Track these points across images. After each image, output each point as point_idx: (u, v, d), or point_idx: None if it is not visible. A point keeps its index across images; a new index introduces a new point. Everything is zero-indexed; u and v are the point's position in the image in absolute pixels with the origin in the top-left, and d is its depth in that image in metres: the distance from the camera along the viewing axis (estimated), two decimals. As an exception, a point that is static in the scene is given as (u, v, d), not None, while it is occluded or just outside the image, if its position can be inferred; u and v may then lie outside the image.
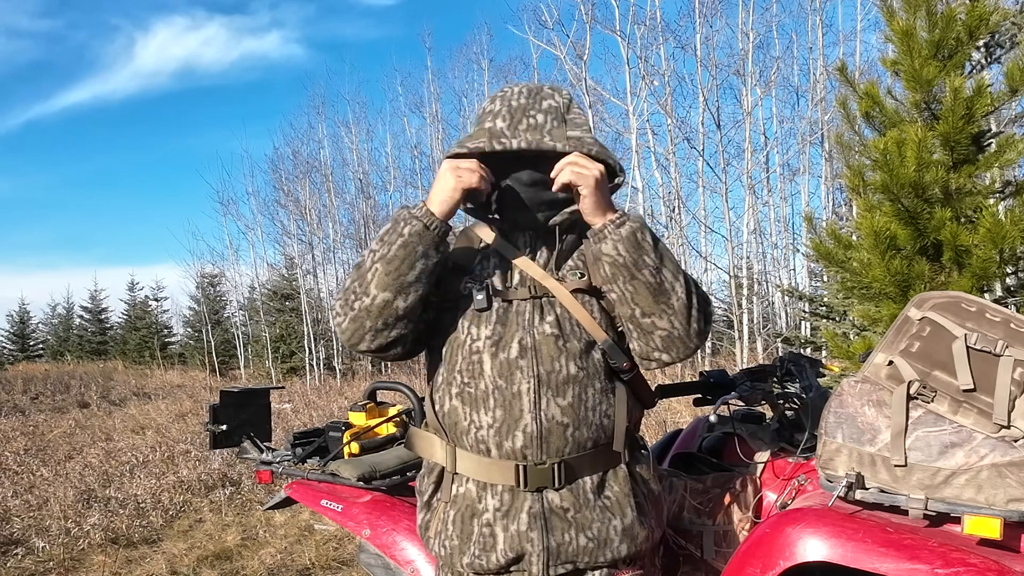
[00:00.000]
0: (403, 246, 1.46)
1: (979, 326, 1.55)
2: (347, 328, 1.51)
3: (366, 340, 1.51)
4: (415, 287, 1.47)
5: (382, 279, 1.46)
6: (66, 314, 33.06)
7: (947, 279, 3.97)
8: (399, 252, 1.46)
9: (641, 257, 1.45)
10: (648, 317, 1.47)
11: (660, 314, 1.47)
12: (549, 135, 1.49)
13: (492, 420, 1.50)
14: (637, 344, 1.52)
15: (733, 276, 14.00)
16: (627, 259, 1.45)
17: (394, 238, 1.47)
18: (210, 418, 2.57)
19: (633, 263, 1.45)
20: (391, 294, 1.46)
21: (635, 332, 1.50)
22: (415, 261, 1.46)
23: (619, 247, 1.45)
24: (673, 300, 1.47)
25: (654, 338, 1.49)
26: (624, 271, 1.45)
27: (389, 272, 1.46)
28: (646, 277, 1.45)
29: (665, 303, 1.46)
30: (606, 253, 1.46)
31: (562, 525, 1.50)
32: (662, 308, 1.46)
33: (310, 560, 4.25)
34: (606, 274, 1.48)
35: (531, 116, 1.51)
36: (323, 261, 21.84)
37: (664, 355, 1.51)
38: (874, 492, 1.58)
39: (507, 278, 1.56)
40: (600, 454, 1.54)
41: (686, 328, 1.48)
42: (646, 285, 1.45)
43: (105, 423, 10.35)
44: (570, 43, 15.69)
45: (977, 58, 4.44)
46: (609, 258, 1.46)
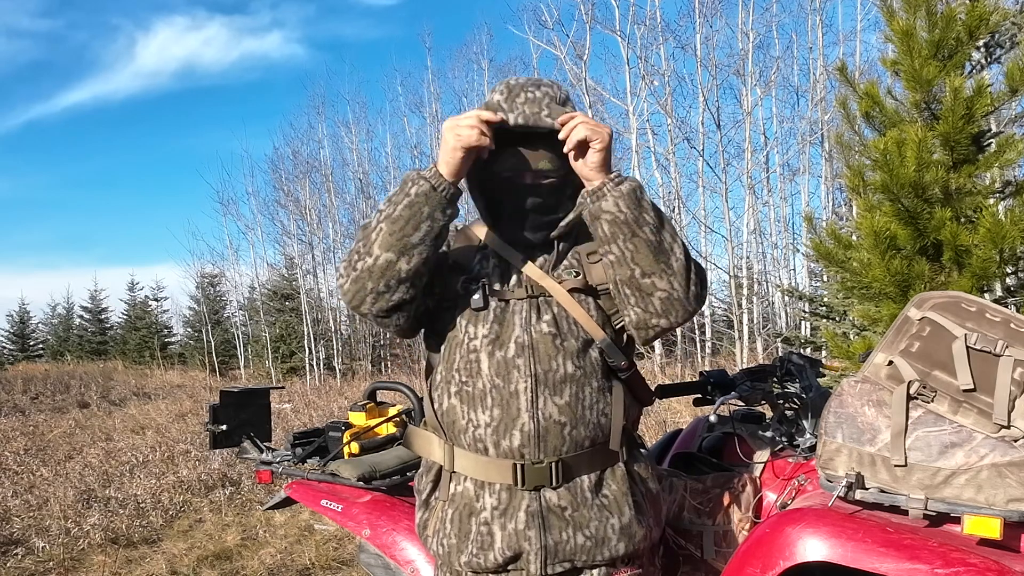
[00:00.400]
0: (409, 206, 1.45)
1: (979, 326, 1.55)
2: (349, 289, 1.50)
3: (367, 302, 1.49)
4: (419, 249, 1.46)
5: (386, 239, 1.45)
6: (66, 314, 33.09)
7: (947, 279, 3.97)
8: (404, 212, 1.45)
9: (641, 214, 1.43)
10: (648, 277, 1.45)
11: (660, 274, 1.45)
12: (547, 109, 1.49)
13: (490, 419, 1.50)
14: (635, 311, 1.49)
15: (733, 276, 14.00)
16: (628, 216, 1.43)
17: (401, 198, 1.46)
18: (210, 418, 2.57)
19: (634, 220, 1.43)
20: (394, 254, 1.45)
21: (633, 296, 1.48)
22: (420, 222, 1.45)
23: (620, 203, 1.43)
24: (672, 260, 1.45)
25: (653, 301, 1.47)
26: (625, 228, 1.43)
27: (393, 232, 1.45)
28: (646, 234, 1.43)
29: (665, 262, 1.45)
30: (606, 210, 1.44)
31: (560, 524, 1.50)
32: (662, 267, 1.45)
33: (310, 560, 4.25)
34: (605, 233, 1.45)
35: (530, 92, 1.51)
36: (323, 261, 21.85)
37: (663, 319, 1.49)
38: (874, 492, 1.58)
39: (505, 278, 1.56)
40: (598, 453, 1.54)
41: (685, 290, 1.47)
42: (647, 243, 1.43)
43: (105, 423, 10.35)
44: (570, 43, 15.70)
45: (977, 58, 4.44)
46: (609, 215, 1.44)
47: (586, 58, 15.36)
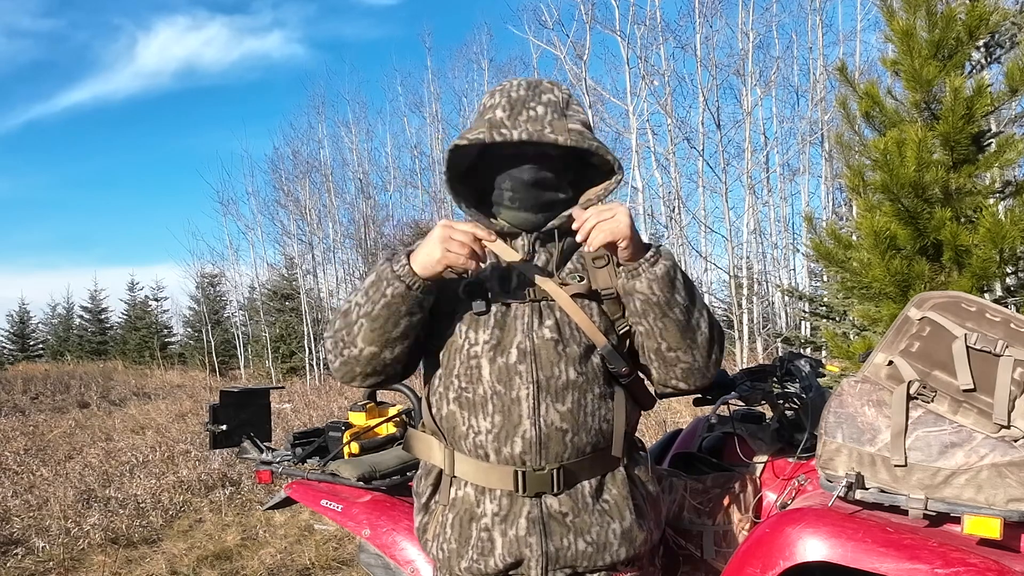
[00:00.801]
0: (386, 306, 1.45)
1: (979, 326, 1.55)
2: (339, 369, 1.54)
3: (357, 380, 1.54)
4: (401, 341, 1.48)
5: (368, 335, 1.47)
6: (66, 314, 33.07)
7: (947, 279, 3.97)
8: (383, 312, 1.45)
9: (673, 296, 1.45)
10: (673, 352, 1.49)
11: (686, 349, 1.48)
12: (550, 126, 1.47)
13: (491, 426, 1.48)
14: (657, 373, 1.54)
15: (733, 276, 14.00)
16: (660, 298, 1.44)
17: (377, 297, 1.45)
18: (210, 418, 2.57)
19: (666, 302, 1.45)
20: (377, 348, 1.48)
21: (657, 362, 1.52)
22: (399, 319, 1.46)
23: (653, 286, 1.44)
24: (698, 336, 1.48)
25: (676, 370, 1.51)
26: (656, 309, 1.45)
27: (374, 329, 1.46)
28: (676, 315, 1.46)
29: (691, 339, 1.48)
30: (639, 291, 1.45)
31: (561, 530, 1.49)
32: (688, 344, 1.48)
33: (310, 560, 4.25)
34: (636, 309, 1.47)
35: (531, 108, 1.49)
36: (323, 261, 21.87)
37: (682, 384, 1.54)
38: (874, 492, 1.58)
39: (505, 281, 1.54)
40: (599, 458, 1.53)
41: (706, 360, 1.51)
42: (676, 322, 1.46)
43: (105, 423, 10.35)
44: (570, 43, 15.70)
45: (977, 58, 4.44)
46: (642, 296, 1.45)
47: (586, 58, 15.36)
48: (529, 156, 1.51)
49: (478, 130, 1.49)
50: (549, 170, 1.52)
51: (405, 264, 1.43)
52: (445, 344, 1.55)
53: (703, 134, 14.32)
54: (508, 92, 1.52)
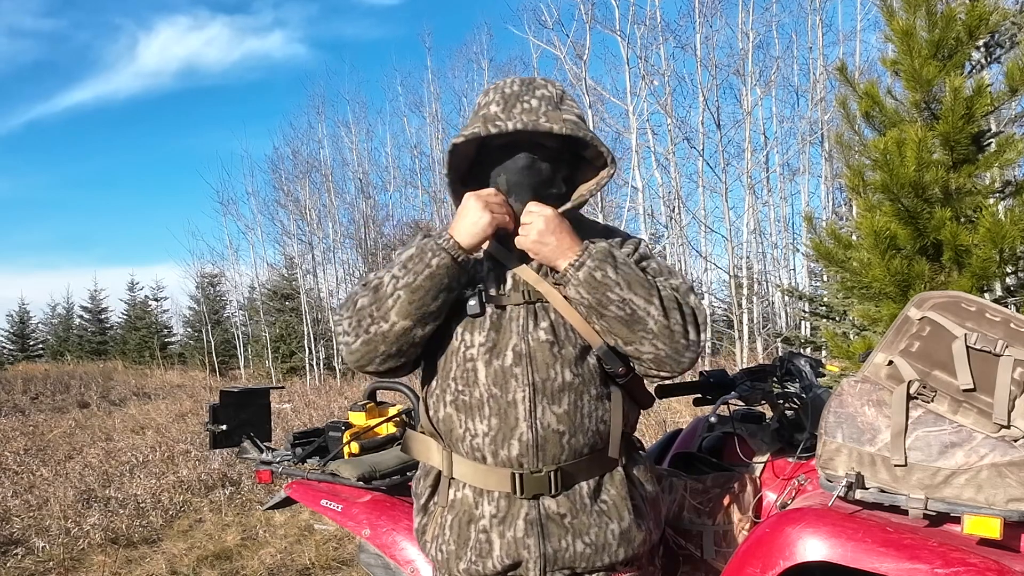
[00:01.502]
0: (430, 277, 1.45)
1: (979, 326, 1.55)
2: (358, 349, 1.49)
3: (375, 363, 1.51)
4: (435, 316, 1.48)
5: (405, 307, 1.45)
6: (66, 314, 33.09)
7: (947, 279, 3.97)
8: (425, 283, 1.45)
9: (604, 295, 1.45)
10: (629, 345, 1.48)
11: (640, 340, 1.46)
12: (544, 116, 1.48)
13: (487, 428, 1.48)
14: (635, 366, 1.53)
15: (733, 276, 14.00)
16: (590, 300, 1.45)
17: (421, 267, 1.46)
18: (210, 418, 2.57)
19: (598, 303, 1.45)
20: (411, 322, 1.46)
21: (627, 355, 1.51)
22: (439, 292, 1.46)
23: (580, 291, 1.45)
24: (650, 324, 1.46)
25: (643, 360, 1.50)
26: (592, 311, 1.46)
27: (413, 301, 1.45)
28: (614, 312, 1.45)
29: (642, 329, 1.46)
30: (571, 297, 1.47)
31: (559, 531, 1.49)
32: (640, 336, 1.46)
33: (310, 560, 4.25)
34: (582, 312, 1.49)
35: (525, 101, 1.50)
36: (323, 261, 21.85)
37: (659, 373, 1.52)
38: (874, 492, 1.58)
39: (500, 282, 1.54)
40: (596, 459, 1.53)
41: (672, 347, 1.47)
42: (617, 319, 1.45)
43: (105, 423, 10.35)
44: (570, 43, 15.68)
45: (977, 58, 4.43)
46: (576, 301, 1.47)
47: (586, 58, 15.35)
48: (523, 146, 1.52)
49: (473, 126, 1.50)
50: (544, 159, 1.53)
51: (449, 237, 1.47)
52: (441, 347, 1.55)
53: (703, 134, 14.32)
54: (502, 89, 1.54)
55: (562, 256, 1.47)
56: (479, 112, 1.53)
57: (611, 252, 1.48)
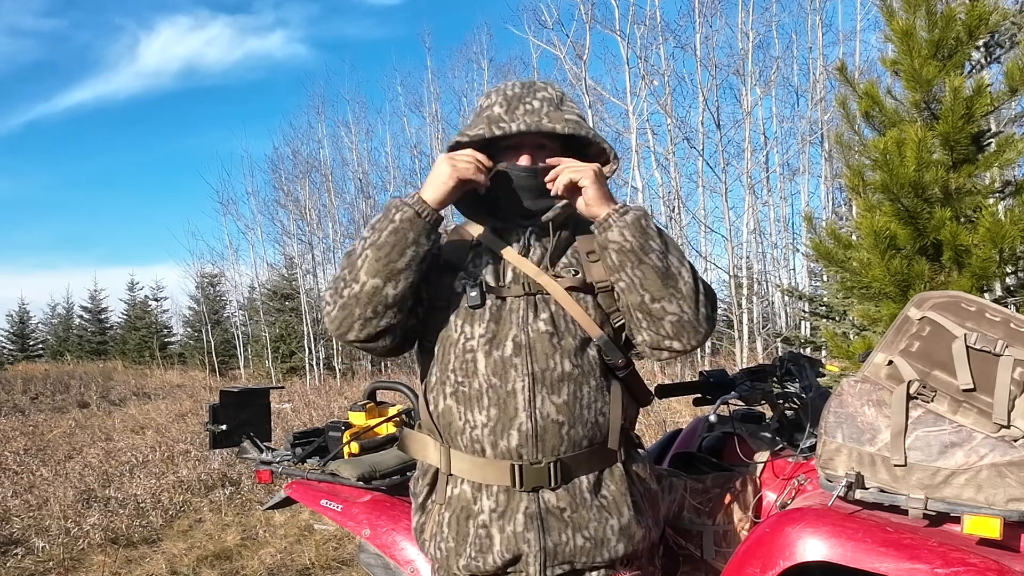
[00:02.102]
0: (393, 232, 1.47)
1: (979, 326, 1.55)
2: (336, 316, 1.50)
3: (355, 329, 1.50)
4: (405, 274, 1.48)
5: (372, 265, 1.47)
6: (66, 314, 33.09)
7: (947, 279, 3.97)
8: (389, 238, 1.47)
9: (647, 242, 1.47)
10: (658, 302, 1.47)
11: (669, 298, 1.47)
12: (547, 117, 1.51)
13: (487, 419, 1.49)
14: (647, 333, 1.51)
15: (733, 276, 14.00)
16: (633, 244, 1.46)
17: (385, 224, 1.48)
18: (210, 418, 2.57)
19: (640, 247, 1.46)
20: (380, 280, 1.47)
21: (645, 320, 1.50)
22: (405, 248, 1.47)
23: (625, 232, 1.46)
24: (681, 284, 1.48)
25: (664, 325, 1.49)
26: (631, 256, 1.46)
27: (379, 258, 1.46)
28: (653, 261, 1.46)
29: (673, 287, 1.47)
30: (612, 240, 1.47)
31: (559, 525, 1.50)
32: (671, 292, 1.47)
33: (310, 560, 4.25)
34: (613, 262, 1.49)
35: (527, 103, 1.53)
36: (323, 261, 21.84)
37: (675, 342, 1.51)
38: (874, 492, 1.58)
39: (500, 275, 1.56)
40: (596, 453, 1.54)
41: (695, 312, 1.49)
42: (654, 268, 1.46)
43: (105, 423, 10.35)
44: (570, 43, 15.70)
45: (977, 58, 4.44)
46: (616, 244, 1.47)
47: (586, 58, 15.37)
48: (527, 148, 1.55)
49: (477, 127, 1.52)
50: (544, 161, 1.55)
51: (414, 194, 1.50)
52: (440, 339, 1.56)
53: (703, 134, 14.32)
54: (504, 91, 1.57)
55: (606, 203, 1.49)
56: (482, 113, 1.55)
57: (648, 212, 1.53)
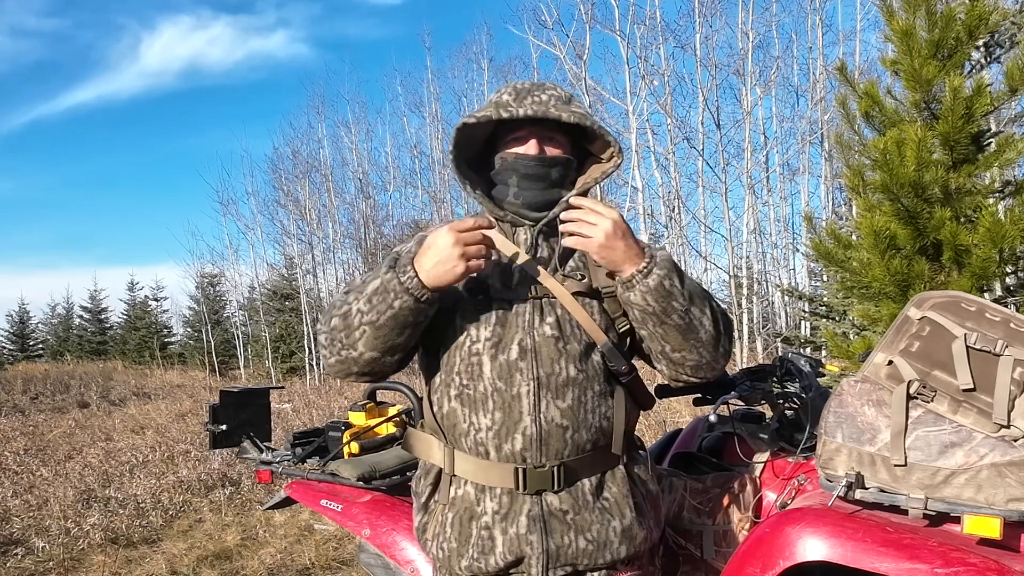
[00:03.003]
0: (393, 317, 1.44)
1: (979, 326, 1.55)
2: (333, 365, 1.52)
3: (352, 377, 1.54)
4: (404, 347, 1.49)
5: (371, 341, 1.46)
6: (66, 314, 33.08)
7: (947, 279, 3.97)
8: (388, 321, 1.44)
9: (670, 304, 1.44)
10: (678, 352, 1.50)
11: (690, 349, 1.49)
12: (555, 108, 1.51)
13: (491, 422, 1.49)
14: (667, 370, 1.55)
15: (733, 276, 14.00)
16: (655, 308, 1.45)
17: (384, 307, 1.43)
18: (210, 418, 2.57)
19: (662, 311, 1.45)
20: (379, 353, 1.48)
21: (664, 361, 1.53)
22: (404, 328, 1.46)
23: (647, 298, 1.44)
24: (702, 334, 1.48)
25: (684, 368, 1.52)
26: (653, 318, 1.46)
27: (378, 337, 1.45)
28: (675, 321, 1.46)
29: (695, 338, 1.48)
30: (634, 303, 1.46)
31: (561, 527, 1.49)
32: (691, 344, 1.48)
33: (310, 560, 4.25)
34: (636, 317, 1.49)
35: (536, 96, 1.54)
36: (323, 261, 21.85)
37: (693, 378, 1.55)
38: (874, 492, 1.58)
39: (507, 277, 1.55)
40: (599, 456, 1.53)
41: (714, 355, 1.51)
42: (676, 327, 1.46)
43: (105, 423, 10.35)
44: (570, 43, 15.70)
45: (977, 58, 4.44)
46: (638, 307, 1.46)
47: (586, 58, 15.38)
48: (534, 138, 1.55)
49: (485, 110, 1.53)
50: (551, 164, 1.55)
51: (413, 276, 1.41)
52: (446, 341, 1.55)
53: (703, 134, 14.32)
54: (514, 85, 1.58)
55: (629, 262, 1.43)
56: (491, 101, 1.56)
57: (674, 261, 1.49)
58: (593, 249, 1.43)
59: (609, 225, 1.41)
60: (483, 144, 1.62)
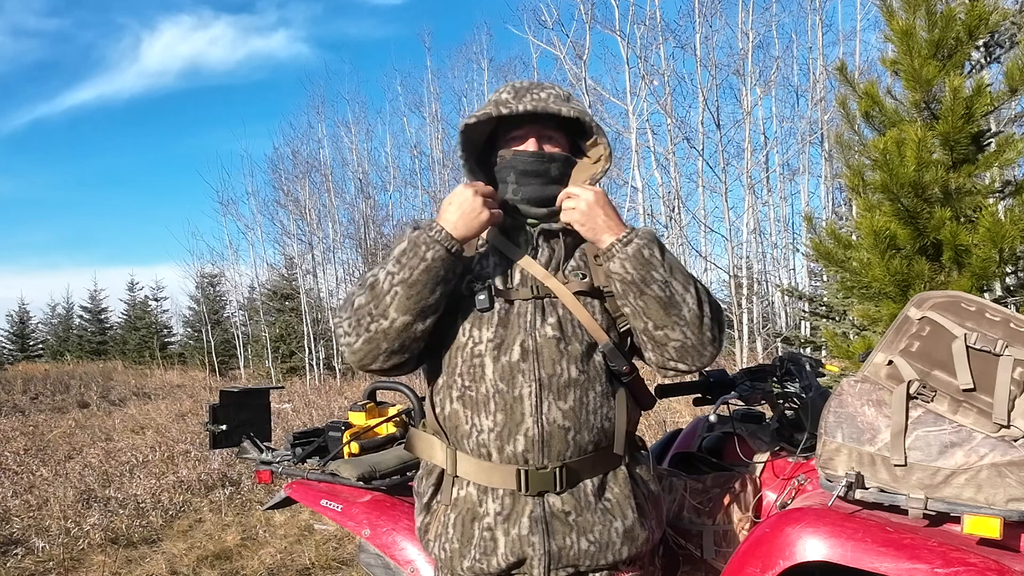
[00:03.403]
0: (426, 271, 1.44)
1: (979, 326, 1.55)
2: (359, 349, 1.48)
3: (379, 360, 1.50)
4: (434, 309, 1.48)
5: (403, 303, 1.45)
6: (66, 314, 33.09)
7: (947, 279, 3.97)
8: (421, 276, 1.44)
9: (649, 273, 1.45)
10: (660, 329, 1.48)
11: (672, 326, 1.48)
12: (554, 104, 1.53)
13: (493, 424, 1.49)
14: (653, 355, 1.53)
15: (733, 276, 13.99)
16: (635, 276, 1.45)
17: (416, 262, 1.45)
18: (210, 418, 2.57)
19: (641, 279, 1.45)
20: (411, 316, 1.46)
21: (649, 344, 1.52)
22: (436, 285, 1.45)
23: (626, 265, 1.46)
24: (684, 311, 1.47)
25: (668, 349, 1.50)
26: (633, 287, 1.46)
27: (411, 296, 1.44)
28: (655, 291, 1.46)
29: (676, 315, 1.47)
30: (615, 271, 1.47)
31: (563, 529, 1.50)
32: (673, 320, 1.47)
33: (310, 560, 4.25)
34: (617, 290, 1.49)
35: (535, 93, 1.55)
36: (323, 261, 21.84)
37: (680, 364, 1.53)
38: (874, 492, 1.58)
39: (508, 277, 1.55)
40: (600, 457, 1.53)
41: (699, 338, 1.49)
42: (656, 299, 1.46)
43: (105, 423, 10.35)
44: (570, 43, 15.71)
45: (977, 57, 4.44)
46: (618, 276, 1.47)
47: (586, 58, 15.39)
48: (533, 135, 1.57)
49: (485, 108, 1.55)
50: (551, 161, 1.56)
51: (441, 228, 1.46)
52: (448, 343, 1.55)
53: (703, 134, 14.32)
54: (513, 84, 1.60)
55: (609, 231, 1.48)
56: (491, 100, 1.57)
57: (657, 237, 1.51)
58: (575, 218, 1.49)
59: (591, 195, 1.49)
60: (483, 146, 1.64)
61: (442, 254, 1.45)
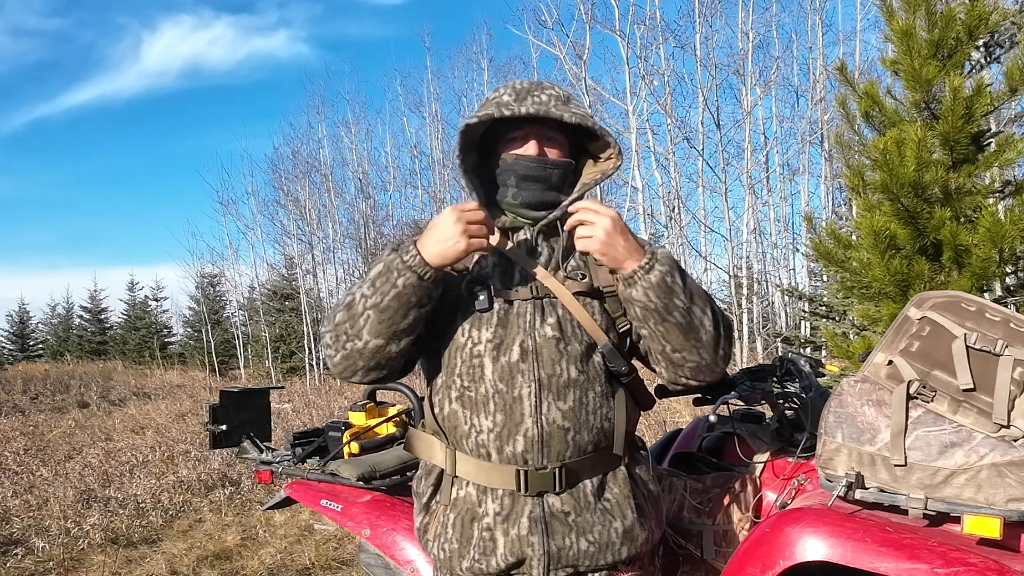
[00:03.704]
0: (396, 297, 1.43)
1: (979, 326, 1.55)
2: (339, 363, 1.50)
3: (358, 375, 1.51)
4: (408, 333, 1.47)
5: (375, 327, 1.44)
6: (66, 314, 33.09)
7: (947, 279, 3.97)
8: (392, 303, 1.43)
9: (671, 300, 1.44)
10: (678, 352, 1.48)
11: (691, 349, 1.48)
12: (555, 108, 1.51)
13: (493, 424, 1.48)
14: (666, 372, 1.53)
15: (733, 276, 14.00)
16: (657, 304, 1.44)
17: (387, 288, 1.43)
18: (210, 418, 2.57)
19: (664, 307, 1.44)
20: (383, 340, 1.46)
21: (664, 362, 1.52)
22: (409, 311, 1.44)
23: (649, 294, 1.44)
24: (702, 335, 1.47)
25: (684, 369, 1.51)
26: (655, 315, 1.45)
27: (382, 321, 1.44)
28: (676, 318, 1.45)
29: (695, 339, 1.47)
30: (636, 299, 1.45)
31: (563, 529, 1.49)
32: (692, 344, 1.47)
33: (310, 560, 4.25)
34: (636, 315, 1.48)
35: (536, 95, 1.53)
36: (323, 261, 21.86)
37: (692, 381, 1.54)
38: (874, 492, 1.58)
39: (507, 277, 1.55)
40: (600, 457, 1.53)
41: (714, 357, 1.50)
42: (677, 325, 1.45)
43: (105, 423, 10.35)
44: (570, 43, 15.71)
45: (977, 57, 4.44)
46: (640, 303, 1.45)
47: (586, 58, 15.39)
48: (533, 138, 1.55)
49: (486, 109, 1.53)
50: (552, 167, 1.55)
51: (416, 254, 1.42)
52: (447, 343, 1.55)
53: (703, 134, 14.33)
54: (513, 85, 1.57)
55: (631, 258, 1.44)
56: (491, 100, 1.55)
57: (675, 259, 1.49)
58: (595, 247, 1.43)
59: (608, 223, 1.43)
60: (480, 145, 1.62)
61: (413, 281, 1.42)
